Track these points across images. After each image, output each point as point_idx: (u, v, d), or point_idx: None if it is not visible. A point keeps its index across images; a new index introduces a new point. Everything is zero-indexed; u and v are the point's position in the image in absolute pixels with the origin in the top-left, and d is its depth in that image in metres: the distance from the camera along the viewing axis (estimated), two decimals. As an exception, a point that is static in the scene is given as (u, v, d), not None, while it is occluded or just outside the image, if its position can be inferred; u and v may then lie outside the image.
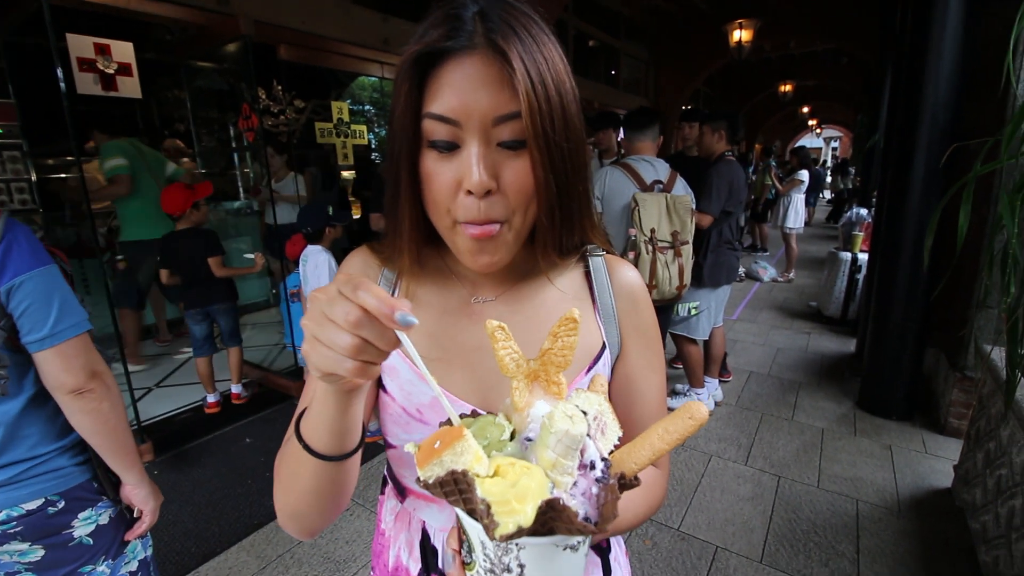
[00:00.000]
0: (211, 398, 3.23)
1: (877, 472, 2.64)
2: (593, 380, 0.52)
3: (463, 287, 0.67)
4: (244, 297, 5.10)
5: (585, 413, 0.41)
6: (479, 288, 0.67)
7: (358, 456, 0.55)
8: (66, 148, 2.71)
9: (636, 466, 0.41)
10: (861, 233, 4.88)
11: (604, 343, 0.66)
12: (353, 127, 4.28)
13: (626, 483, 0.40)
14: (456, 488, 0.37)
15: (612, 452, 0.44)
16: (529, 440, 0.42)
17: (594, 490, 0.39)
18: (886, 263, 3.15)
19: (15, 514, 0.99)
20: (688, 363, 3.25)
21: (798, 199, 6.80)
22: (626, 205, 2.54)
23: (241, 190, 5.08)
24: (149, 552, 1.22)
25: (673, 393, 3.39)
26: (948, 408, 2.95)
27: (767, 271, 6.79)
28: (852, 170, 10.86)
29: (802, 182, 6.82)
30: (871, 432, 3.04)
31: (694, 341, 3.20)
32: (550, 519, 0.35)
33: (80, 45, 2.70)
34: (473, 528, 0.40)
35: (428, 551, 0.67)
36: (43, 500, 1.02)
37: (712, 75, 9.79)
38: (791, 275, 6.74)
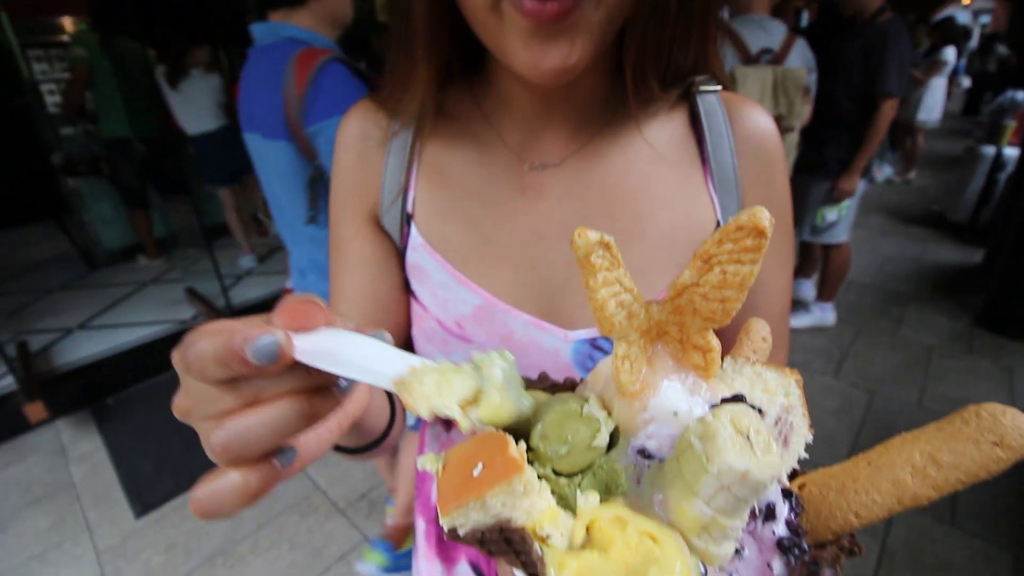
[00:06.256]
0: None
1: (991, 395, 2.34)
2: (747, 328, 0.32)
3: (508, 148, 0.48)
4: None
5: (761, 413, 0.24)
6: (532, 148, 0.47)
7: (396, 431, 0.48)
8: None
9: (858, 520, 0.23)
10: (1012, 123, 4.04)
11: (719, 224, 0.47)
12: None
13: (844, 551, 0.23)
14: (511, 550, 0.22)
15: (797, 478, 0.26)
16: (646, 456, 0.24)
17: (777, 569, 0.22)
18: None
19: None
20: (837, 271, 2.77)
21: (937, 85, 5.50)
22: None
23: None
24: None
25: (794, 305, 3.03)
26: (1096, 330, 2.52)
27: (882, 170, 5.91)
28: (1002, 48, 8.78)
29: (946, 64, 5.52)
30: (989, 352, 2.68)
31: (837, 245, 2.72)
32: None
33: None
34: None
35: None
36: None
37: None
38: (911, 175, 5.84)
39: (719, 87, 0.48)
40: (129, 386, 2.71)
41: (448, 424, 0.58)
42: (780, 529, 0.23)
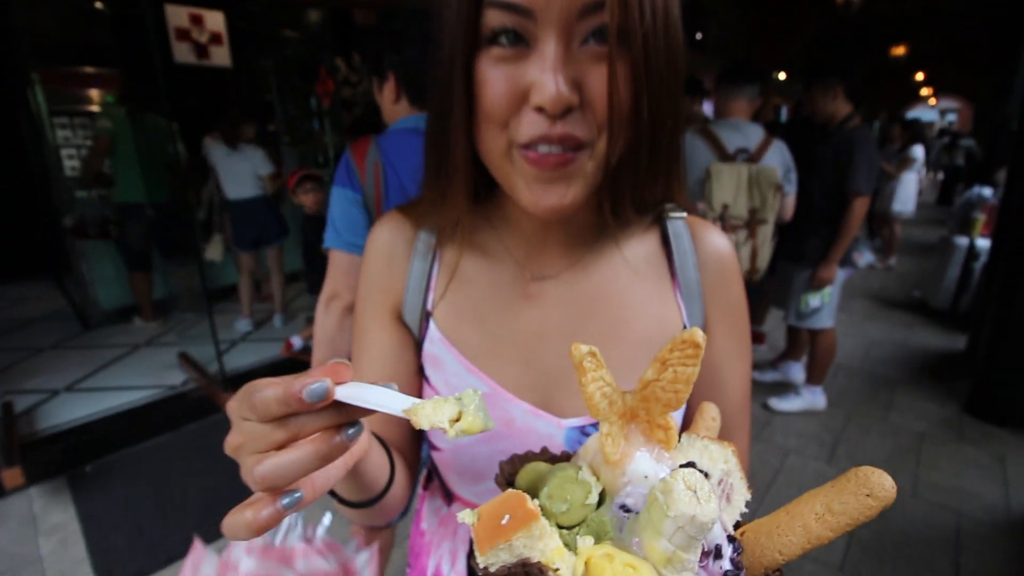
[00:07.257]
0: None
1: (985, 485, 2.34)
2: (701, 410, 0.40)
3: (514, 260, 0.56)
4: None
5: (707, 476, 0.32)
6: (534, 262, 0.56)
7: (396, 494, 0.51)
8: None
9: (782, 556, 0.31)
10: (982, 216, 4.29)
11: (685, 327, 0.55)
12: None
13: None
14: None
15: (739, 526, 0.34)
16: (626, 510, 0.32)
17: None
18: (1015, 252, 2.73)
19: None
20: (824, 355, 2.83)
21: (909, 179, 5.98)
22: (700, 178, 2.32)
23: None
24: None
25: (780, 389, 3.10)
26: (1082, 421, 2.55)
27: (863, 256, 6.16)
28: (968, 144, 9.45)
29: (914, 160, 6.01)
30: (980, 440, 2.69)
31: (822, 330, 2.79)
32: None
33: (177, 15, 2.83)
34: None
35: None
36: None
37: (810, 37, 8.93)
38: (891, 262, 6.09)
39: (685, 213, 0.58)
40: (110, 453, 2.64)
41: (449, 498, 0.64)
42: (726, 565, 0.30)
